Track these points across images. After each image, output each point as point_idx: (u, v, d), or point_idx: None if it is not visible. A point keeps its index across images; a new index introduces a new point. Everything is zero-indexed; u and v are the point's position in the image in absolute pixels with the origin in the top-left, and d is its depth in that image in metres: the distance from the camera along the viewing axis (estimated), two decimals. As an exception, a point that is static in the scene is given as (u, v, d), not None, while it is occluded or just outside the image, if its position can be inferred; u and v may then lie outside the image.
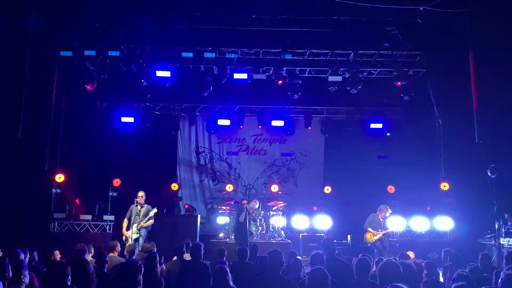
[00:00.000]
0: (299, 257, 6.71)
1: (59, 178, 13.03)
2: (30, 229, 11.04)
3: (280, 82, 13.89)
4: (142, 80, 13.06)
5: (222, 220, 14.10)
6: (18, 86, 10.71)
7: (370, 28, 12.14)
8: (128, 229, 10.07)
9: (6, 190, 11.14)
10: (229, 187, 15.46)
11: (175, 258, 7.37)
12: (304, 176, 16.79)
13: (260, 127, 16.01)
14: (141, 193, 10.36)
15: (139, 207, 10.17)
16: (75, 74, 13.14)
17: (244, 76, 13.82)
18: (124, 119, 15.54)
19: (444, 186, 13.31)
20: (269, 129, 16.40)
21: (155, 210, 10.34)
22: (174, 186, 15.49)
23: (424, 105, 13.85)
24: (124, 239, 9.74)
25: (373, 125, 15.68)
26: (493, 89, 10.94)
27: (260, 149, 16.80)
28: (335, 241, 7.34)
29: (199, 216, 13.63)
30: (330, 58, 13.45)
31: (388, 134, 15.73)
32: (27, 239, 9.39)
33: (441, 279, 6.80)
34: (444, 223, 12.85)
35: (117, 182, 14.02)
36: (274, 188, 15.47)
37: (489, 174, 11.60)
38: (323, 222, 13.86)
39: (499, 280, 4.59)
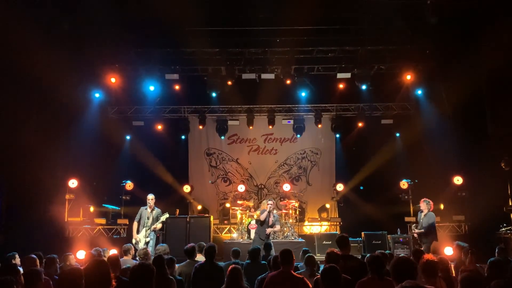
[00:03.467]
0: (313, 255, 6.67)
1: (72, 183, 13.15)
2: (45, 234, 11.14)
3: (288, 81, 13.88)
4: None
5: (234, 220, 14.11)
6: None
7: (378, 24, 12.07)
8: (138, 232, 10.08)
9: (21, 196, 11.29)
10: (241, 188, 15.46)
11: (187, 260, 7.38)
12: (316, 174, 16.75)
13: (270, 126, 15.96)
14: (151, 196, 10.31)
15: (149, 210, 10.14)
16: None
17: (252, 76, 13.85)
18: (135, 123, 15.70)
19: (458, 180, 13.19)
20: (279, 128, 16.39)
21: (166, 215, 10.30)
22: (187, 188, 15.55)
23: (435, 99, 13.73)
24: (134, 242, 9.75)
25: (384, 121, 15.62)
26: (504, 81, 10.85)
27: (270, 148, 16.78)
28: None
29: (211, 217, 13.64)
30: (338, 55, 13.39)
31: (397, 134, 15.68)
32: (42, 244, 9.47)
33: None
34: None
35: (129, 185, 14.10)
36: (286, 187, 15.44)
37: (503, 167, 11.49)
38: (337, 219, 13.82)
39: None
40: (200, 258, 7.51)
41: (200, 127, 16.00)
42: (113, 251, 9.53)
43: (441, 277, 5.56)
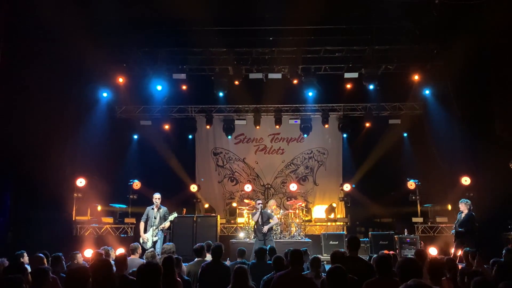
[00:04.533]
0: (319, 256, 6.66)
1: (80, 182, 13.22)
2: (52, 233, 11.20)
3: (295, 80, 13.87)
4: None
5: (241, 220, 14.12)
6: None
7: (385, 23, 12.03)
8: (145, 231, 10.09)
9: (29, 195, 11.38)
10: (248, 187, 15.45)
11: (196, 259, 7.39)
12: (323, 174, 16.71)
13: (277, 126, 15.94)
14: (157, 195, 10.30)
15: (155, 209, 10.15)
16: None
17: (259, 75, 13.85)
18: (142, 122, 15.76)
19: (466, 180, 13.09)
20: (286, 128, 16.37)
21: (175, 214, 10.31)
22: (193, 188, 15.56)
23: (443, 99, 13.65)
24: (142, 241, 9.77)
25: (391, 121, 15.55)
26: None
27: (277, 148, 16.77)
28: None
29: (218, 216, 13.66)
30: (346, 55, 13.36)
31: (405, 135, 15.61)
32: (50, 242, 9.53)
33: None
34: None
35: (137, 185, 14.15)
36: (293, 187, 15.41)
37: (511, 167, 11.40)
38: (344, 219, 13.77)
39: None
40: (209, 257, 7.52)
41: (207, 126, 16.01)
42: (121, 250, 9.59)
43: (449, 278, 5.55)
